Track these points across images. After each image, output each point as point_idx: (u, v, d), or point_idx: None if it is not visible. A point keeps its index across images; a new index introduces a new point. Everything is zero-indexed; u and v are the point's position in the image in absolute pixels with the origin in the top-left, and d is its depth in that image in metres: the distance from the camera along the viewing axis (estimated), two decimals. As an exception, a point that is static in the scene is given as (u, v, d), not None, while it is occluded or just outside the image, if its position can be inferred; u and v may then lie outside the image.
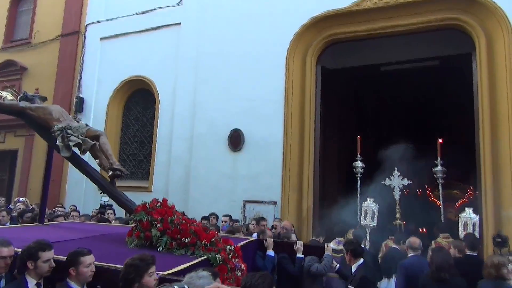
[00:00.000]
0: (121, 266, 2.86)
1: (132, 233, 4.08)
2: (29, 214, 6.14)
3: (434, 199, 14.60)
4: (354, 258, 4.37)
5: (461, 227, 5.87)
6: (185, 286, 1.18)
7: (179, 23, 9.97)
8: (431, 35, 8.06)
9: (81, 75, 11.17)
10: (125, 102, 10.89)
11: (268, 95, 8.47)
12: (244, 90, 8.68)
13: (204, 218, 7.53)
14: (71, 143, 4.64)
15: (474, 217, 5.85)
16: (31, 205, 8.24)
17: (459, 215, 6.13)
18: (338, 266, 4.79)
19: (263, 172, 8.23)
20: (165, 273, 2.95)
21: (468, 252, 4.81)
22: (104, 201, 8.26)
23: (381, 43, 8.65)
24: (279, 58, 8.51)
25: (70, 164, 10.42)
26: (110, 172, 4.73)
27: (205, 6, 9.58)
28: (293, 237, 5.71)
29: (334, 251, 5.21)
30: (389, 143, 13.42)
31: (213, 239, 3.85)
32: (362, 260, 4.37)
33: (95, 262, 3.05)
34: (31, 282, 2.96)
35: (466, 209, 6.06)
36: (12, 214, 6.87)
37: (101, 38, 11.12)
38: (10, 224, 6.13)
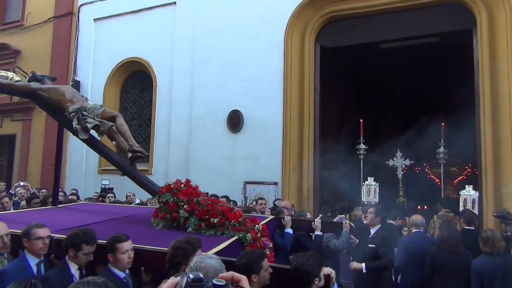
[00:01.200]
0: (162, 248, 2.89)
1: (158, 214, 4.04)
2: (37, 200, 6.07)
3: (432, 176, 14.68)
4: (378, 223, 4.87)
5: (461, 203, 6.04)
6: (200, 274, 1.17)
7: (174, 3, 9.76)
8: (432, 11, 7.93)
9: (76, 58, 11.01)
10: (122, 84, 10.76)
11: (266, 75, 8.38)
12: (242, 70, 8.58)
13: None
14: (89, 125, 4.46)
15: (474, 194, 6.05)
16: (32, 189, 8.21)
17: (459, 192, 6.32)
18: (357, 241, 5.05)
19: (263, 153, 8.22)
20: (211, 253, 2.95)
21: (465, 227, 5.02)
22: (104, 185, 8.26)
23: (380, 20, 8.52)
24: (277, 37, 8.39)
25: (69, 148, 10.50)
26: (130, 154, 4.61)
27: (201, -16, 9.38)
28: (308, 215, 5.86)
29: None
30: (389, 121, 13.48)
31: (240, 219, 3.86)
32: (380, 224, 4.88)
33: (135, 245, 3.05)
34: (73, 267, 3.01)
35: (466, 186, 6.25)
36: (13, 199, 6.86)
37: (95, 19, 10.90)
38: (13, 210, 6.09)
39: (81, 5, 11.14)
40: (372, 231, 4.87)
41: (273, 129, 8.23)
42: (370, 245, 4.68)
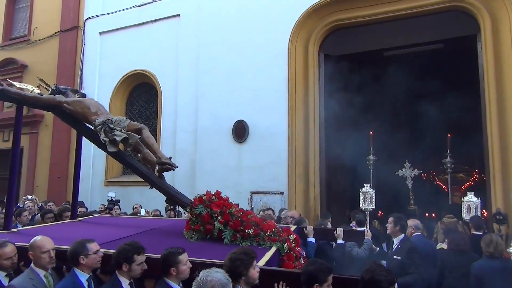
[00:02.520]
0: (216, 260, 2.96)
1: (191, 226, 4.03)
2: (50, 215, 6.03)
3: (439, 182, 14.56)
4: (400, 232, 4.75)
5: (464, 209, 6.16)
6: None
7: (179, 15, 9.86)
8: (435, 17, 7.95)
9: (82, 71, 11.12)
10: (128, 96, 10.85)
11: (271, 84, 8.41)
12: (246, 80, 8.62)
13: None
14: (117, 138, 4.41)
15: (476, 200, 6.13)
16: (39, 202, 8.25)
17: (462, 199, 6.44)
18: (378, 249, 5.17)
19: (268, 163, 8.21)
20: (260, 264, 3.01)
21: (474, 232, 5.27)
22: (111, 197, 8.27)
23: (384, 28, 8.54)
24: (281, 47, 8.44)
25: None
26: (158, 167, 4.56)
27: (204, -4, 9.48)
28: (329, 225, 5.92)
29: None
30: (394, 128, 13.38)
31: (274, 229, 3.90)
32: (402, 234, 4.76)
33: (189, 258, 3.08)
34: (125, 282, 3.02)
35: (468, 193, 6.37)
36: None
37: (100, 33, 11.03)
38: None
39: (87, 19, 11.29)
40: (395, 241, 4.75)
41: (278, 138, 8.23)
42: (395, 257, 4.53)
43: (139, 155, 4.74)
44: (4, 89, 4.46)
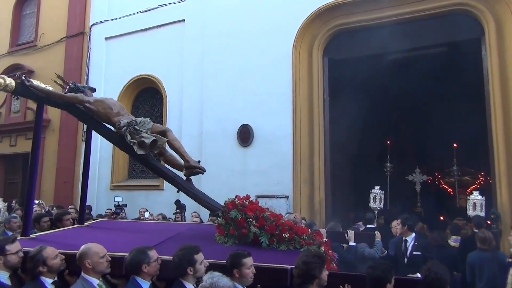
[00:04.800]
0: (274, 265, 3.06)
1: (224, 231, 4.01)
2: (45, 219, 5.94)
3: (444, 186, 14.51)
4: (409, 231, 5.31)
5: (470, 207, 6.65)
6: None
7: (183, 20, 9.94)
8: (438, 21, 7.95)
9: (88, 76, 11.21)
10: (133, 101, 10.92)
11: (275, 88, 8.44)
12: (251, 84, 8.66)
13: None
14: (146, 141, 4.24)
15: (480, 198, 6.62)
16: (46, 206, 8.31)
17: (468, 197, 7.09)
18: (386, 252, 5.43)
19: (273, 167, 8.22)
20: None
21: (476, 230, 5.61)
22: (118, 202, 8.31)
23: (388, 32, 8.53)
24: (285, 51, 8.47)
25: (81, 165, 10.61)
26: (187, 170, 4.45)
27: (208, 1, 9.54)
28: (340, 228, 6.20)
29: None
30: (398, 131, 13.37)
31: (308, 233, 3.93)
32: (414, 234, 5.33)
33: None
34: (190, 286, 2.99)
35: (473, 192, 6.96)
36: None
37: (106, 38, 11.13)
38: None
39: (93, 24, 11.40)
40: (409, 239, 5.29)
41: (283, 142, 8.24)
42: (415, 253, 5.08)
43: (161, 157, 4.59)
44: (31, 85, 4.22)
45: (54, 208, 8.17)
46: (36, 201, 7.93)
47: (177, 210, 7.50)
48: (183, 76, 9.67)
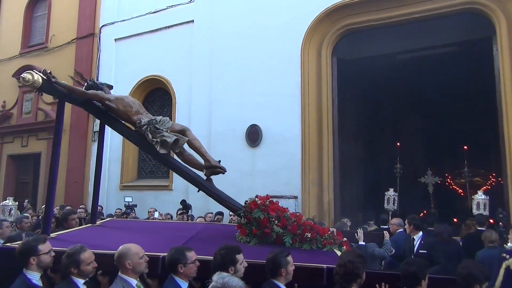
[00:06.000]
0: (311, 264, 3.11)
1: (246, 230, 4.03)
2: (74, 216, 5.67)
3: (455, 187, 14.36)
4: (415, 230, 5.43)
5: (474, 206, 6.86)
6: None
7: (192, 21, 9.97)
8: (449, 20, 7.88)
9: (98, 77, 11.28)
10: (142, 102, 10.95)
11: (284, 89, 8.43)
12: (259, 85, 8.65)
13: (218, 213, 7.47)
14: (168, 140, 4.21)
15: (484, 197, 6.80)
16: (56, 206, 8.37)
17: (473, 197, 7.24)
18: (394, 251, 5.48)
19: (282, 167, 8.21)
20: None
21: (478, 228, 5.85)
22: (128, 202, 8.35)
23: (397, 31, 8.50)
24: (293, 51, 8.45)
25: (91, 165, 10.71)
26: (207, 170, 4.41)
27: (217, 2, 9.57)
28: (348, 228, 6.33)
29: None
30: (408, 131, 13.28)
31: (329, 233, 3.97)
32: (421, 232, 5.45)
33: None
34: None
35: (478, 192, 7.14)
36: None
37: (115, 39, 11.21)
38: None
39: (102, 26, 11.49)
40: (416, 238, 5.44)
41: (291, 143, 8.23)
42: (421, 251, 5.20)
43: (180, 157, 4.53)
44: (56, 82, 4.16)
45: (67, 207, 8.24)
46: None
47: (183, 210, 7.51)
48: (192, 76, 9.70)
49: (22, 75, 4.02)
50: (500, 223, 6.31)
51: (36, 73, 4.02)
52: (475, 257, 4.90)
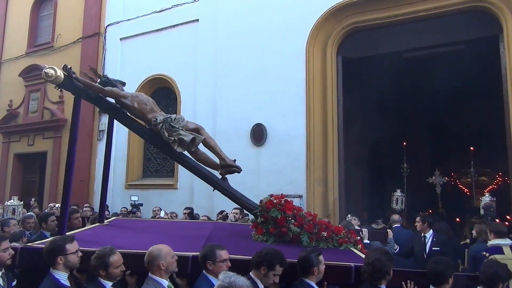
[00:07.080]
0: (339, 263, 3.18)
1: (263, 229, 4.05)
2: (52, 217, 5.54)
3: (461, 186, 14.28)
4: (428, 228, 5.62)
5: (482, 208, 6.98)
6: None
7: (197, 20, 9.97)
8: (455, 18, 7.82)
9: (103, 76, 11.33)
10: (147, 101, 11.00)
11: (289, 87, 8.41)
12: (264, 83, 8.64)
13: (220, 213, 7.48)
14: (186, 138, 4.19)
15: (491, 198, 7.00)
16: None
17: (480, 198, 7.49)
18: (398, 248, 5.54)
19: (287, 166, 8.19)
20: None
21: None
22: (134, 201, 8.39)
23: (403, 30, 8.45)
24: (298, 50, 8.43)
25: (96, 163, 10.75)
26: (223, 169, 4.41)
27: (222, 1, 9.56)
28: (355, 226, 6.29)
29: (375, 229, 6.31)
30: (414, 131, 13.23)
31: (344, 232, 4.01)
32: (432, 230, 5.61)
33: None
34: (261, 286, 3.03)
35: (485, 192, 7.63)
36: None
37: (121, 39, 11.25)
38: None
39: (108, 25, 11.54)
40: (427, 236, 5.61)
41: (296, 142, 8.21)
42: (434, 248, 5.38)
43: (193, 156, 4.50)
44: (76, 78, 4.14)
45: (73, 206, 8.24)
46: (57, 205, 7.90)
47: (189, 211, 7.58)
48: (197, 75, 9.71)
49: (44, 70, 3.96)
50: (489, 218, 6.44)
51: (58, 69, 3.97)
52: (469, 251, 5.12)
